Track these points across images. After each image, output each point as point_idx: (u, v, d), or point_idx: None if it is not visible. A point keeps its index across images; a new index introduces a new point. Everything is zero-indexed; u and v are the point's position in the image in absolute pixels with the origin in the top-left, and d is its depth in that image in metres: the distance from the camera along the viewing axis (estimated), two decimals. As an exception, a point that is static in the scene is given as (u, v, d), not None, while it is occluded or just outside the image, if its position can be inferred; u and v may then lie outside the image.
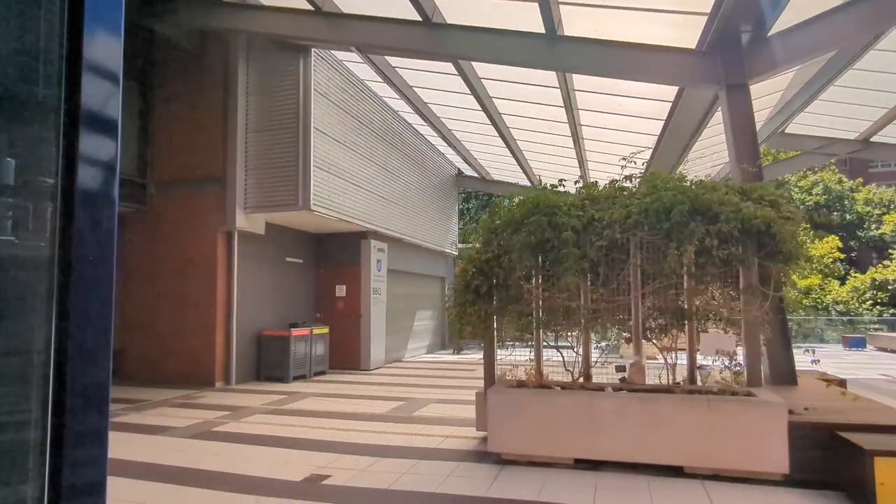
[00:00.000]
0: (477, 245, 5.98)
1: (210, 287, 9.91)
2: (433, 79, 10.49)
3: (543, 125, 11.74)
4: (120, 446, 5.80)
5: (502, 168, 17.09)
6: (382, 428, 6.54)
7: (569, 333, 5.92)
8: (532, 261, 5.27)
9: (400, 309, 14.55)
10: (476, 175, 18.61)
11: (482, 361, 6.13)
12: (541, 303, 5.52)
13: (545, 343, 5.84)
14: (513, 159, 14.69)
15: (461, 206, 26.27)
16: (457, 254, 18.25)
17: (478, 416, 5.90)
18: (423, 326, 16.40)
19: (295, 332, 10.54)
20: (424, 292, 16.67)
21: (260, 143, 10.11)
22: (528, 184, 17.44)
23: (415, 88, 11.30)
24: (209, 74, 10.27)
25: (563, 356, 5.61)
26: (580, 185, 5.70)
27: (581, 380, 5.45)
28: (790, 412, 4.51)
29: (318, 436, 6.20)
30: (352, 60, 10.80)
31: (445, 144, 15.57)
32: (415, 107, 12.06)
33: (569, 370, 5.53)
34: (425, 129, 14.75)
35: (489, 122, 11.85)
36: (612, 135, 11.44)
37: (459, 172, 18.97)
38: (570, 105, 9.78)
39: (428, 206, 15.98)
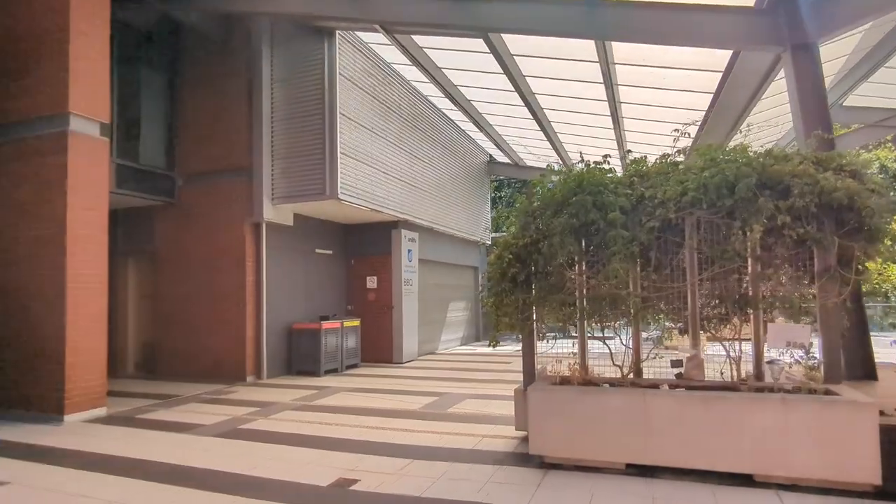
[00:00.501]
0: (513, 230, 5.52)
1: (239, 280, 9.74)
2: (463, 59, 9.99)
3: (580, 104, 11.10)
4: (144, 445, 5.61)
5: (536, 153, 16.48)
6: (415, 426, 6.18)
7: (614, 324, 5.40)
8: (575, 245, 4.77)
9: (432, 300, 14.20)
10: (509, 161, 18.03)
11: (519, 354, 5.69)
12: (585, 291, 5.02)
13: (590, 334, 5.34)
14: (547, 143, 14.08)
15: (493, 195, 25.70)
16: (490, 242, 17.81)
17: (517, 414, 5.47)
18: (457, 317, 16.02)
19: (326, 324, 10.30)
20: (457, 282, 16.27)
21: (286, 131, 9.83)
22: (560, 165, 16.77)
23: (444, 70, 10.83)
24: (233, 63, 10.04)
25: (610, 349, 5.10)
26: (628, 160, 5.14)
27: (631, 375, 4.94)
28: (880, 413, 3.91)
29: (347, 434, 5.88)
30: (378, 42, 10.40)
31: (476, 130, 15.05)
32: (444, 90, 11.59)
33: (617, 365, 5.02)
34: (456, 115, 14.27)
35: (522, 104, 11.29)
36: (655, 112, 10.73)
37: (491, 159, 18.42)
38: (609, 81, 9.14)
39: (460, 194, 15.52)
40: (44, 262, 6.97)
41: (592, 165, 5.13)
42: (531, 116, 12.08)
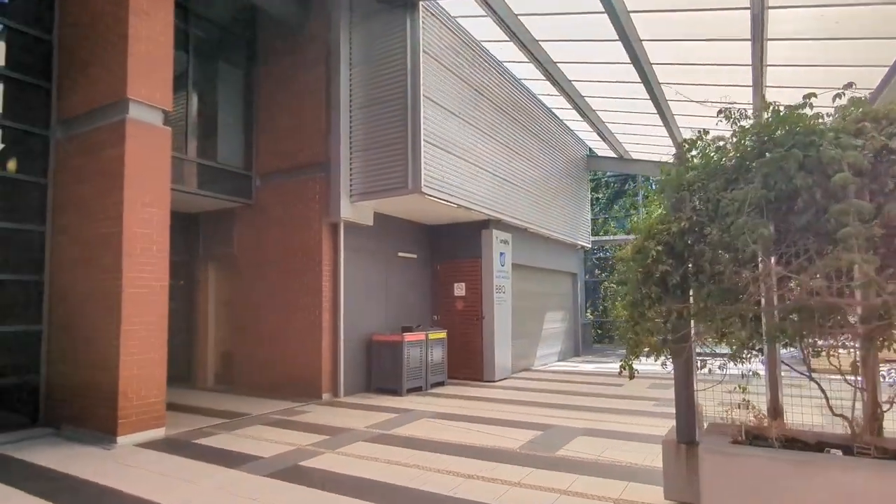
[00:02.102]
0: (657, 211, 3.95)
1: (315, 286, 8.81)
2: (568, 26, 8.48)
3: (712, 73, 9.14)
4: (187, 484, 4.61)
5: (644, 143, 14.45)
6: (516, 476, 4.71)
7: (815, 348, 3.60)
8: (765, 229, 3.10)
9: (527, 309, 12.64)
10: (611, 154, 16.09)
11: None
12: (775, 299, 3.32)
13: (784, 366, 3.62)
14: (662, 128, 12.08)
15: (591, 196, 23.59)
16: (589, 246, 15.94)
17: (667, 474, 3.85)
18: (554, 330, 14.30)
19: (409, 336, 9.11)
20: (554, 290, 14.56)
21: (365, 119, 8.82)
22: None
23: (542, 44, 9.35)
24: (311, 50, 9.21)
25: (822, 389, 3.35)
26: (843, 98, 3.36)
27: (868, 434, 3.15)
28: None
29: (426, 484, 4.53)
30: (466, 15, 9.15)
31: (576, 118, 13.36)
32: (543, 68, 10.11)
33: (840, 415, 3.25)
34: (553, 101, 12.70)
35: (638, 80, 9.53)
36: (816, 75, 8.52)
37: (591, 153, 16.57)
38: (759, 34, 7.20)
39: (557, 191, 13.87)
40: (101, 263, 6.33)
41: (782, 111, 3.41)
42: (647, 95, 10.25)
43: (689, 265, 3.55)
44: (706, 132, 3.75)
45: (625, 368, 4.27)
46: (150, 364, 6.33)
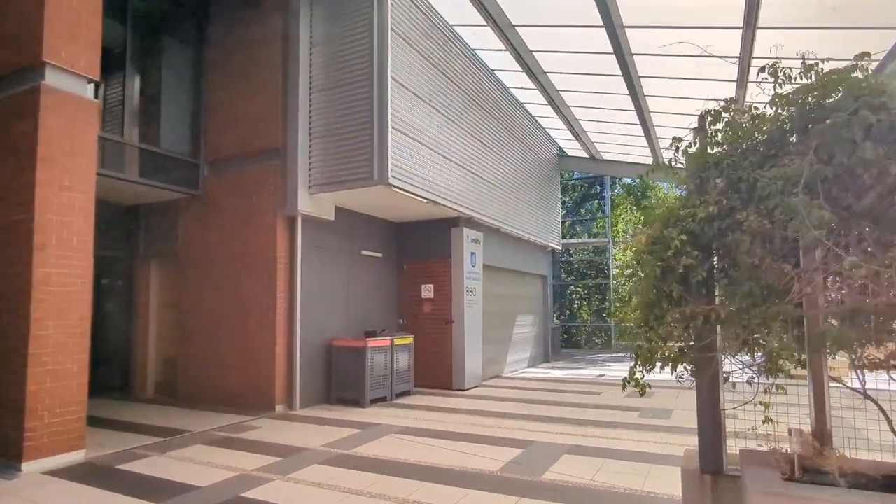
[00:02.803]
0: (669, 196, 3.35)
1: (269, 286, 7.94)
2: (545, 8, 7.92)
3: (694, 67, 8.75)
4: (96, 527, 3.73)
5: (617, 143, 14.11)
6: (500, 506, 4.03)
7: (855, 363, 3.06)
8: (824, 211, 2.52)
9: (497, 313, 12.03)
10: (582, 154, 15.71)
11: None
12: (821, 299, 2.75)
13: (837, 383, 3.05)
14: (638, 127, 11.71)
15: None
16: (560, 248, 15.51)
17: (686, 511, 3.23)
18: (524, 335, 13.75)
19: (372, 342, 8.34)
20: (525, 293, 14.02)
21: (326, 103, 8.02)
22: (652, 160, 14.32)
23: (519, 29, 8.77)
24: (267, 26, 8.35)
25: (882, 409, 2.79)
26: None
27: (941, 465, 2.60)
28: None
29: (397, 520, 3.80)
30: (438, -6, 8.51)
31: (549, 114, 12.88)
32: (518, 55, 9.53)
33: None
34: (526, 95, 12.17)
35: (618, 73, 9.07)
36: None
37: (562, 152, 16.16)
38: (752, 20, 6.79)
39: (529, 190, 13.34)
40: (8, 257, 5.34)
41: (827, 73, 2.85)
42: (626, 91, 9.82)
43: (714, 259, 2.96)
44: (733, 101, 3.17)
45: (630, 383, 3.63)
46: (66, 375, 5.37)
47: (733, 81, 8.85)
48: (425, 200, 8.59)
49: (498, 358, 11.97)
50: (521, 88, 11.73)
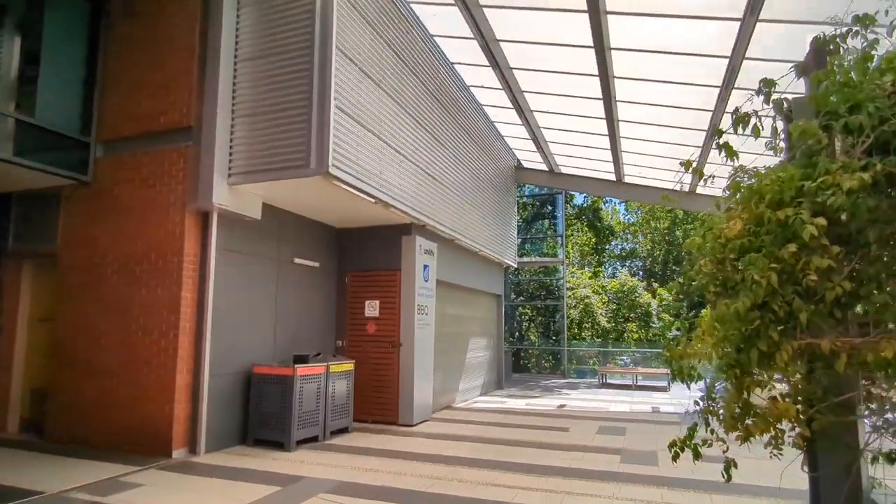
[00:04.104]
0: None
1: (171, 298, 6.29)
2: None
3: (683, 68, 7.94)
4: None
5: (577, 156, 13.27)
6: None
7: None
8: None
9: (450, 336, 10.73)
10: (541, 167, 14.83)
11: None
12: None
13: None
14: (605, 138, 10.87)
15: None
16: (515, 265, 14.47)
17: None
18: (478, 359, 12.49)
19: (302, 369, 6.80)
20: (479, 314, 12.80)
21: (255, 75, 6.56)
22: (614, 178, 13.60)
23: (487, 11, 7.68)
24: (184, -20, 6.83)
25: None
26: None
27: None
28: None
29: None
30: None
31: (511, 120, 11.89)
32: (484, 42, 8.44)
33: None
34: (487, 96, 11.12)
35: (594, 72, 8.17)
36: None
37: (519, 164, 15.24)
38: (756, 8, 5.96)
39: (486, 200, 12.23)
40: None
41: None
42: (600, 95, 8.93)
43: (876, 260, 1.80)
44: (869, 17, 2.06)
45: (684, 449, 2.42)
46: None
47: (717, 87, 8.11)
48: (373, 200, 7.23)
49: (449, 386, 10.61)
50: (483, 87, 10.67)
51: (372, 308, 8.82)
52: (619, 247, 34.13)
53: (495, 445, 7.03)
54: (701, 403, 2.34)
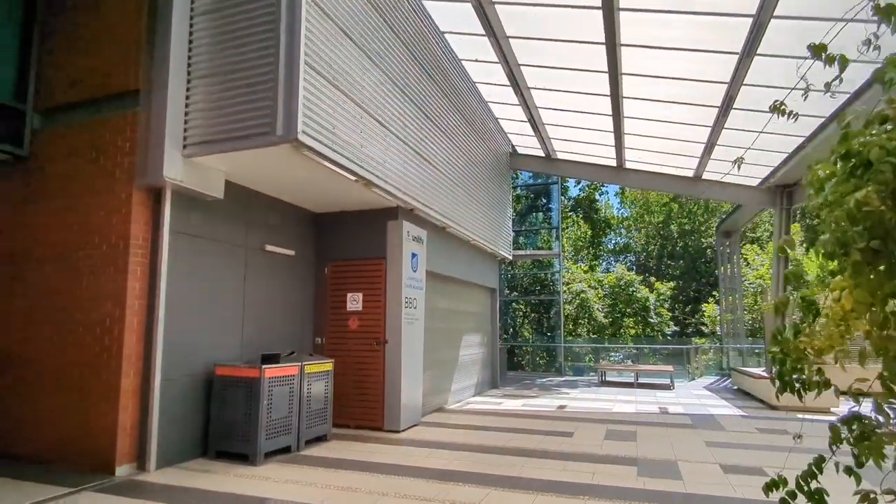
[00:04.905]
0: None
1: (115, 288, 5.39)
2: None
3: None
4: None
5: (576, 140, 12.46)
6: None
7: None
8: None
9: (442, 331, 9.87)
10: (537, 152, 14.00)
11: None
12: None
13: None
14: (608, 119, 10.05)
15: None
16: (511, 257, 13.65)
17: None
18: (472, 357, 11.65)
19: (272, 370, 5.92)
20: (473, 308, 11.96)
21: (213, 29, 5.64)
22: (614, 163, 12.80)
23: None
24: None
25: None
26: None
27: None
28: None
29: None
30: None
31: (506, 100, 11.05)
32: (479, 4, 7.58)
33: None
34: (480, 71, 10.27)
35: (601, 40, 7.35)
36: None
37: (514, 151, 14.40)
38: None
39: (480, 187, 11.38)
40: None
41: None
42: (605, 67, 8.10)
43: None
44: None
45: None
46: None
47: (736, 54, 7.31)
48: (353, 177, 6.35)
49: (441, 386, 9.77)
50: (477, 61, 9.82)
51: (354, 301, 7.95)
52: (614, 241, 33.48)
53: (492, 455, 6.19)
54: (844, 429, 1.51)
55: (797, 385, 1.61)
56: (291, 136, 5.12)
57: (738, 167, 2.52)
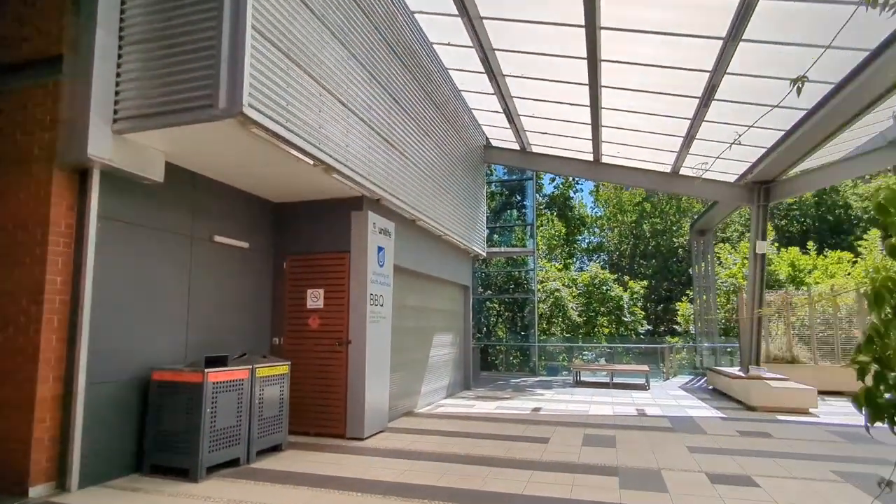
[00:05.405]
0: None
1: (32, 282, 4.70)
2: None
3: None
4: None
5: (551, 133, 12.05)
6: None
7: None
8: None
9: (411, 331, 9.33)
10: (512, 145, 13.56)
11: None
12: None
13: None
14: (586, 109, 9.65)
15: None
16: (485, 254, 13.18)
17: None
18: (443, 357, 11.14)
19: (216, 374, 5.29)
20: (445, 306, 11.44)
21: (149, -11, 4.99)
22: (591, 157, 12.45)
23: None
24: None
25: None
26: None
27: None
28: None
29: None
30: None
31: (479, 88, 10.57)
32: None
33: None
34: (453, 57, 9.76)
35: (580, 22, 6.90)
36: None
37: (488, 143, 13.94)
38: None
39: (453, 179, 10.87)
40: None
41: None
42: (584, 53, 7.68)
43: None
44: None
45: None
46: None
47: (719, 40, 6.96)
48: (311, 161, 5.76)
49: (411, 388, 9.22)
50: (450, 45, 9.30)
51: (315, 298, 7.35)
52: (587, 241, 33.43)
53: (462, 465, 5.69)
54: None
55: None
56: (236, 110, 4.51)
57: (734, 145, 2.04)
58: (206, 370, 5.18)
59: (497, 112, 11.52)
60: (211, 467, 5.23)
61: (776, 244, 22.11)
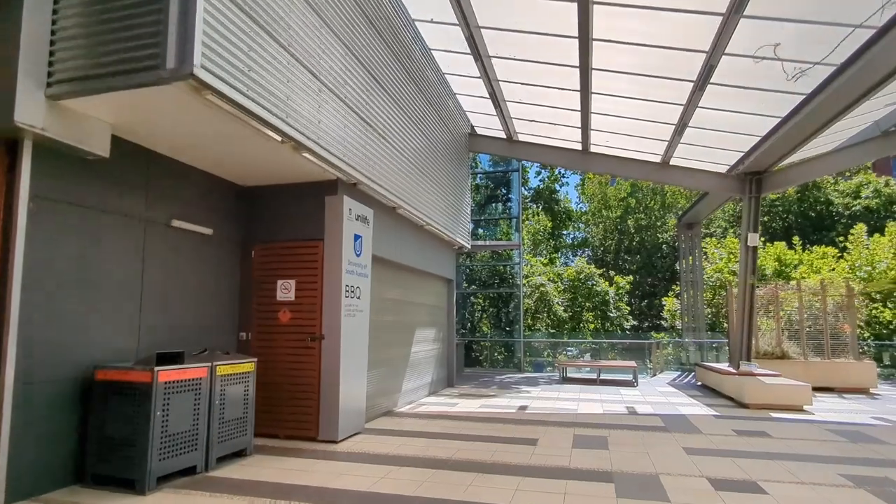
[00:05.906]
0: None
1: (-49, 267, 4.08)
2: None
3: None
4: None
5: (539, 121, 11.59)
6: None
7: None
8: None
9: (391, 325, 8.81)
10: (498, 133, 13.08)
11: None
12: None
13: None
14: (576, 94, 9.20)
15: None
16: (469, 246, 12.71)
17: None
18: (426, 353, 10.64)
19: (168, 373, 4.72)
20: (427, 300, 10.94)
21: (89, -65, 4.38)
22: (579, 147, 12.03)
23: None
24: None
25: None
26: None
27: None
28: None
29: None
30: None
31: (465, 72, 10.06)
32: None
33: None
34: (437, 36, 9.23)
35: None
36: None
37: (473, 132, 13.44)
38: None
39: (437, 167, 10.36)
40: None
41: None
42: (575, 33, 7.20)
43: None
44: None
45: None
46: None
47: (719, 15, 6.54)
48: (278, 137, 5.21)
49: (390, 386, 8.71)
50: (433, 22, 8.77)
51: (286, 290, 6.78)
52: (572, 236, 33.17)
53: (443, 471, 5.20)
54: None
55: None
56: (185, 71, 3.93)
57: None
58: (157, 368, 4.61)
59: (483, 97, 11.02)
60: (163, 476, 4.67)
61: (762, 239, 21.99)
